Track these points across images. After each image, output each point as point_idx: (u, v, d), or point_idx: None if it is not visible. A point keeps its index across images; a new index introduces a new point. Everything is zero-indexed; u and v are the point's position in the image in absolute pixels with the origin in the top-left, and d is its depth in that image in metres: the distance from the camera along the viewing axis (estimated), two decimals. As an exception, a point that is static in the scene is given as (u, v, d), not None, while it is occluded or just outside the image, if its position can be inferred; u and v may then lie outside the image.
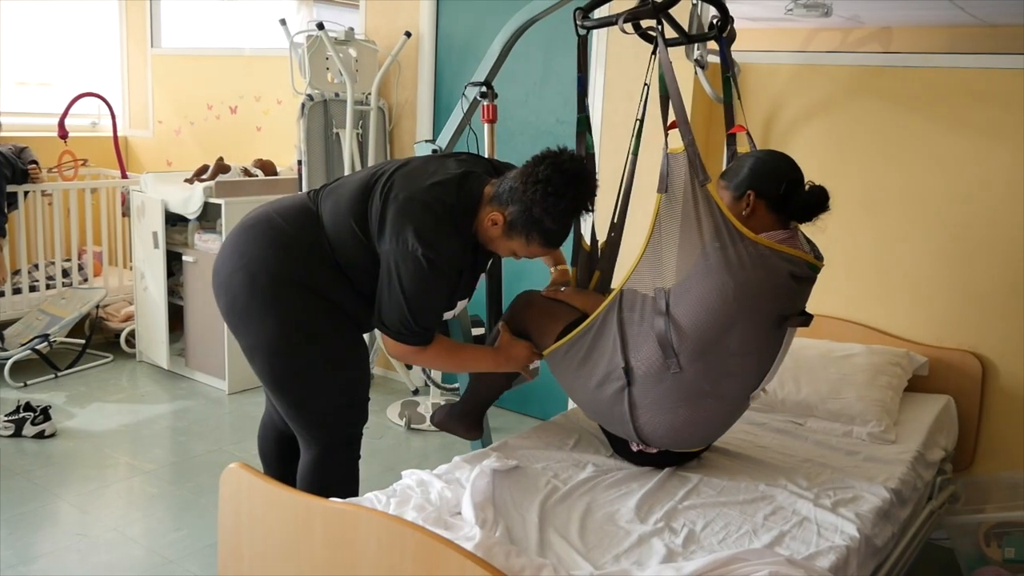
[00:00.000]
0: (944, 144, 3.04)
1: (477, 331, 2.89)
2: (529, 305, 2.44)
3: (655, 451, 2.29)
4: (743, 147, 2.52)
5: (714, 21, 2.55)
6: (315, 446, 2.31)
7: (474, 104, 2.82)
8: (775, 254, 2.08)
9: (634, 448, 2.32)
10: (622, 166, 2.39)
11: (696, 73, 3.22)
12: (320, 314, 2.22)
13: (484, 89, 2.77)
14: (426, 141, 3.02)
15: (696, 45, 3.11)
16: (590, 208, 2.14)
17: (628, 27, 2.22)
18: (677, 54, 3.13)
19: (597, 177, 2.23)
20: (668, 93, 2.05)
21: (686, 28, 2.82)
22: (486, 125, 2.86)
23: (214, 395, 4.31)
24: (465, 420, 2.61)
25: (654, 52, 2.16)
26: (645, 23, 2.31)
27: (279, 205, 2.31)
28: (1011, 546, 2.68)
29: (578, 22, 2.36)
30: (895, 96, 3.11)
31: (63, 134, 5.02)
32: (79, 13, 5.61)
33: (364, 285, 2.21)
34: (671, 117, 2.06)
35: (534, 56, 3.90)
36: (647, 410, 2.20)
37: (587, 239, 2.56)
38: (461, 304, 2.34)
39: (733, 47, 2.63)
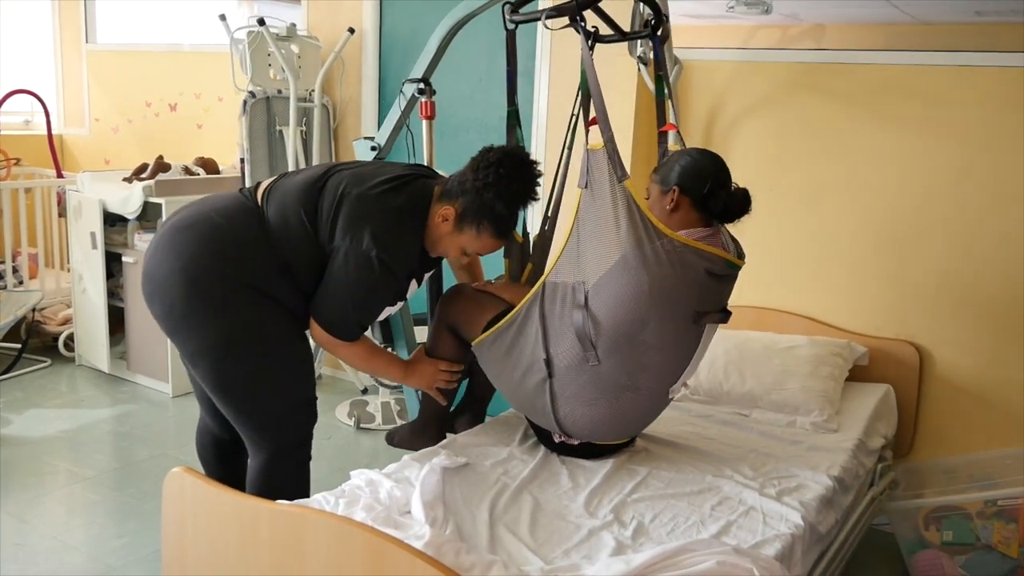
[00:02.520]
0: (880, 138, 3.11)
1: (420, 328, 2.86)
2: (459, 296, 2.45)
3: (576, 443, 2.32)
4: (674, 145, 2.57)
5: (649, 20, 2.58)
6: (264, 450, 2.27)
7: (412, 101, 2.82)
8: (691, 251, 2.08)
9: (556, 440, 2.35)
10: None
11: (639, 70, 3.25)
12: (265, 314, 2.19)
13: (422, 86, 2.76)
14: (365, 138, 3.00)
15: (640, 42, 3.14)
16: (537, 196, 2.20)
17: (552, 23, 2.24)
18: (619, 51, 3.16)
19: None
20: (589, 90, 2.07)
21: (629, 24, 2.85)
22: (424, 122, 2.85)
23: (157, 398, 4.22)
24: (426, 433, 2.59)
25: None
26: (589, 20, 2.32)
27: (215, 204, 2.25)
28: (949, 529, 2.75)
29: (507, 16, 2.39)
30: (832, 92, 3.17)
31: (-6, 132, 4.89)
32: (9, 7, 5.45)
33: (308, 282, 2.20)
34: (593, 113, 2.08)
35: (479, 53, 3.89)
36: (568, 402, 2.22)
37: (519, 232, 2.57)
38: (399, 304, 2.35)
39: (676, 44, 2.67)
